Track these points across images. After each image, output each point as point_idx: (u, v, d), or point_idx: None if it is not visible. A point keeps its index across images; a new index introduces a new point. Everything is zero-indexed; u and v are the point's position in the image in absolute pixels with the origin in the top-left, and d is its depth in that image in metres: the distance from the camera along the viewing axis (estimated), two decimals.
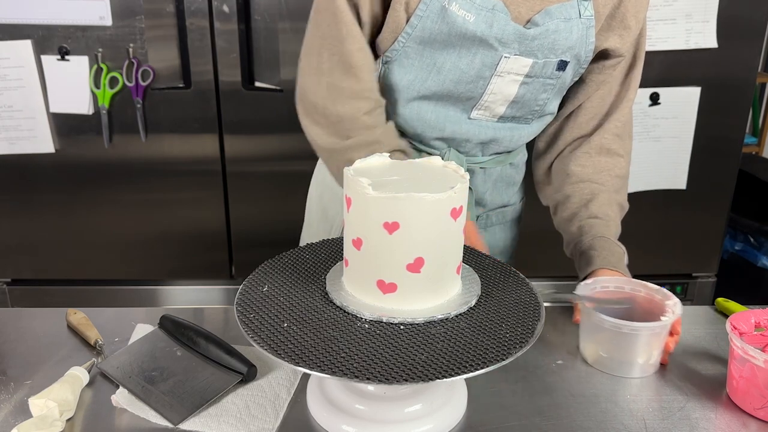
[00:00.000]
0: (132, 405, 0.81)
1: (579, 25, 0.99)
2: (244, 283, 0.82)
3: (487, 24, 0.95)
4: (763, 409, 0.81)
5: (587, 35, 1.01)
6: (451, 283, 0.79)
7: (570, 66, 1.03)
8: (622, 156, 1.14)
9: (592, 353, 0.93)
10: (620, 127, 1.13)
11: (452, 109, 1.06)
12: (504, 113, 1.06)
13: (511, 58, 0.98)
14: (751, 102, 1.92)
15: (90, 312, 1.00)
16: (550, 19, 0.97)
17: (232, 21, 1.74)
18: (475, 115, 1.06)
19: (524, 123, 1.10)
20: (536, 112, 1.08)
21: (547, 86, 1.04)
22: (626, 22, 1.03)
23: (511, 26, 0.96)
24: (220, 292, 2.08)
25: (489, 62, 0.99)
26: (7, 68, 1.77)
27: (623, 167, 1.15)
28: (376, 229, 0.73)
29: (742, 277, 2.25)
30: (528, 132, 1.12)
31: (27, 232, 1.96)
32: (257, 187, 1.93)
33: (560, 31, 0.98)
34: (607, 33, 1.03)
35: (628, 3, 1.01)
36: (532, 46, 0.98)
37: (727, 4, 1.76)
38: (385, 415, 0.77)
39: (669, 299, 0.92)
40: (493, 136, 1.09)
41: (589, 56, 1.04)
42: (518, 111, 1.07)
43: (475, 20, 0.95)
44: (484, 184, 1.16)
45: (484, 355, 0.68)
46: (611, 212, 1.11)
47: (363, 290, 0.77)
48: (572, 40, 0.99)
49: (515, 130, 1.10)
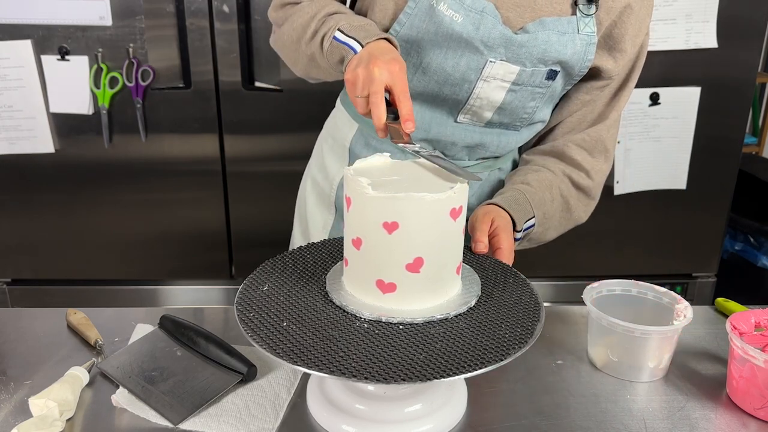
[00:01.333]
0: (132, 405, 0.81)
1: (577, 40, 0.97)
2: (244, 282, 0.82)
3: (474, 26, 0.94)
4: (763, 409, 0.81)
5: (586, 51, 0.99)
6: (450, 283, 0.79)
7: (560, 76, 1.01)
8: (585, 170, 1.08)
9: (601, 357, 0.92)
10: (588, 141, 1.08)
11: (438, 111, 1.04)
12: (491, 119, 1.04)
13: (497, 63, 0.97)
14: (751, 102, 1.92)
15: (90, 312, 1.00)
16: (543, 29, 0.96)
17: (232, 21, 1.74)
18: (462, 119, 1.04)
19: (513, 129, 1.08)
20: (525, 120, 1.06)
21: (536, 95, 1.02)
22: (622, 45, 1.00)
23: (499, 30, 0.94)
24: (220, 292, 2.08)
25: (474, 66, 0.97)
26: (7, 68, 1.78)
27: (584, 180, 1.09)
28: (375, 229, 0.73)
29: (742, 277, 2.25)
30: (517, 139, 1.10)
31: (27, 232, 1.96)
32: (257, 187, 1.93)
33: (552, 43, 0.96)
34: (600, 51, 1.01)
35: (627, 25, 0.99)
36: (519, 53, 0.96)
37: (727, 4, 1.76)
38: (385, 415, 0.77)
39: (678, 302, 0.91)
40: (480, 141, 1.07)
41: (583, 71, 1.02)
42: (506, 117, 1.05)
43: (463, 21, 0.94)
44: (470, 189, 1.12)
45: (483, 355, 0.68)
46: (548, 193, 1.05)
47: (363, 290, 0.77)
48: (566, 54, 0.97)
49: (503, 136, 1.08)
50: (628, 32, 1.00)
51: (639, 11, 0.99)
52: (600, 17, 0.98)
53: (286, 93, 1.81)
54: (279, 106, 1.83)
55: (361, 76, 0.85)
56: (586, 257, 2.01)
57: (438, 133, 1.06)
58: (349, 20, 0.94)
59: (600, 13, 0.98)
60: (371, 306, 0.76)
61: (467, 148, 1.09)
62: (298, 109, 1.83)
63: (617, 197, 1.93)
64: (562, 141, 1.10)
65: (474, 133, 1.06)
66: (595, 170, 1.09)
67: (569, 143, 1.09)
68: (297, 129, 1.83)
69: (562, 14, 0.97)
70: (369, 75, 0.84)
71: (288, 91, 1.81)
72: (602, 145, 1.09)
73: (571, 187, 1.09)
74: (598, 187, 1.12)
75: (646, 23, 1.02)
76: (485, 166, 1.13)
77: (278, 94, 1.82)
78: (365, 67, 0.85)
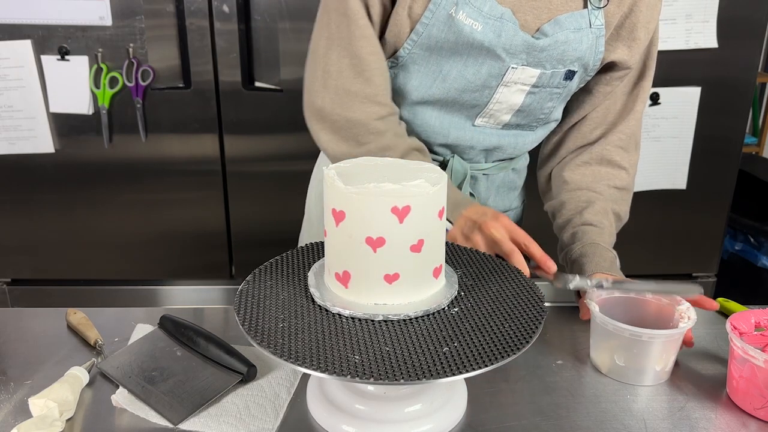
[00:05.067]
0: (132, 405, 0.81)
1: (589, 34, 0.97)
2: (243, 283, 0.82)
3: (495, 34, 0.94)
4: (763, 409, 0.81)
5: (597, 44, 0.99)
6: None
7: (577, 75, 1.01)
8: (624, 168, 1.12)
9: (605, 362, 0.90)
10: (624, 139, 1.10)
11: (457, 115, 1.04)
12: (509, 121, 1.05)
13: (519, 68, 0.97)
14: (751, 102, 1.92)
15: (90, 312, 1.00)
16: (560, 29, 0.95)
17: (232, 21, 1.74)
18: (480, 122, 1.05)
19: (528, 130, 1.09)
20: (541, 120, 1.07)
21: (553, 95, 1.02)
22: (635, 33, 1.00)
23: (520, 36, 0.94)
24: (220, 292, 2.08)
25: (496, 72, 0.97)
26: (7, 68, 1.78)
27: (624, 179, 1.12)
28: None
29: (742, 277, 2.25)
30: (532, 138, 1.11)
31: (27, 232, 1.96)
32: (257, 187, 1.93)
33: (570, 42, 0.96)
34: (615, 43, 1.01)
35: (639, 14, 0.99)
36: (540, 57, 0.96)
37: (727, 4, 1.76)
38: (385, 415, 0.77)
39: (680, 304, 0.91)
40: (498, 144, 1.08)
41: (597, 65, 1.02)
42: (523, 119, 1.05)
43: (483, 29, 0.93)
44: (487, 191, 1.15)
45: (484, 355, 0.68)
46: (606, 220, 1.08)
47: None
48: (582, 50, 0.98)
49: (519, 137, 1.09)
50: (639, 20, 1.00)
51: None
52: (610, 9, 0.98)
53: (286, 93, 1.81)
54: (279, 106, 1.83)
55: (482, 244, 0.92)
56: None
57: (457, 137, 1.06)
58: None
59: (610, 6, 0.98)
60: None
61: (485, 151, 1.09)
62: (298, 109, 1.82)
63: None
64: (601, 146, 1.10)
65: (491, 136, 1.07)
66: (632, 164, 1.13)
67: (608, 147, 1.10)
68: (297, 129, 1.83)
69: (575, 9, 0.97)
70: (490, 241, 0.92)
71: (288, 91, 1.81)
72: (635, 139, 1.12)
73: (616, 194, 1.12)
74: (633, 178, 1.15)
75: (657, 9, 1.02)
76: (500, 167, 1.14)
77: (278, 94, 1.82)
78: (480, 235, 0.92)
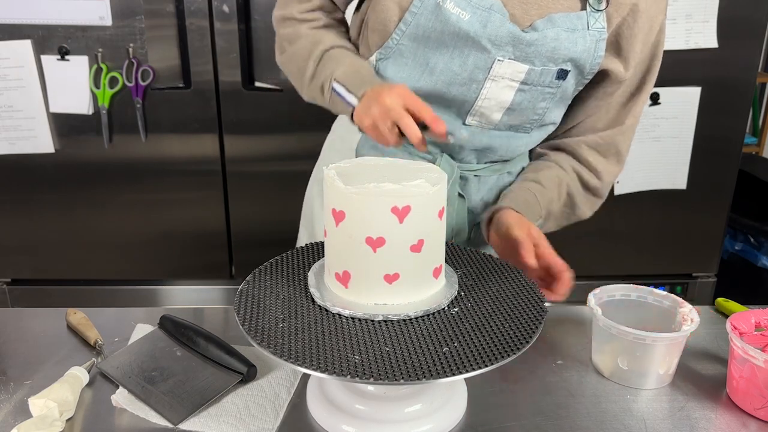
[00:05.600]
0: (132, 405, 0.81)
1: (587, 36, 0.96)
2: (243, 283, 0.82)
3: (481, 23, 0.93)
4: (763, 409, 0.81)
5: (596, 48, 0.97)
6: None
7: (571, 75, 0.99)
8: (596, 171, 1.09)
9: (608, 365, 0.90)
10: (602, 144, 1.08)
11: (446, 113, 1.03)
12: (500, 120, 1.03)
13: (505, 62, 0.96)
14: (751, 102, 1.92)
15: (90, 312, 1.00)
16: (552, 26, 0.94)
17: (232, 21, 1.74)
18: (470, 121, 1.03)
19: (523, 132, 1.06)
20: (536, 121, 1.05)
21: (546, 95, 1.00)
22: (631, 47, 0.98)
23: (507, 28, 0.93)
24: (220, 292, 2.08)
25: (482, 65, 0.96)
26: (7, 68, 1.77)
27: (594, 182, 1.10)
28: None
29: (742, 277, 2.25)
30: (527, 141, 1.09)
31: (27, 232, 1.96)
32: (257, 187, 1.93)
33: (561, 40, 0.94)
34: (608, 53, 0.99)
35: (634, 27, 0.97)
36: (528, 52, 0.95)
37: (727, 4, 1.76)
38: (385, 415, 0.77)
39: (681, 306, 0.90)
40: (489, 144, 1.06)
41: (594, 69, 1.00)
42: (515, 119, 1.03)
43: (470, 19, 0.93)
44: (478, 192, 1.12)
45: (484, 355, 0.68)
46: (554, 190, 1.07)
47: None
48: (576, 51, 0.96)
49: (513, 139, 1.07)
50: (634, 34, 0.98)
51: (648, 9, 0.97)
52: (609, 13, 0.96)
53: (286, 93, 1.81)
54: (279, 106, 1.82)
55: (378, 115, 0.89)
56: (585, 257, 2.01)
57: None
58: (343, 66, 0.98)
59: (610, 9, 0.96)
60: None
61: (476, 152, 1.07)
62: (298, 109, 1.82)
63: (617, 197, 1.93)
64: (576, 140, 1.10)
65: (482, 135, 1.05)
66: (606, 171, 1.10)
67: (582, 144, 1.09)
68: (297, 129, 1.83)
69: (571, 10, 0.95)
70: (384, 109, 0.88)
71: (288, 91, 1.81)
72: (615, 148, 1.09)
73: (580, 186, 1.10)
74: (607, 187, 1.13)
75: (658, 20, 1.00)
76: (494, 169, 1.12)
77: (278, 94, 1.82)
78: (376, 106, 0.89)
